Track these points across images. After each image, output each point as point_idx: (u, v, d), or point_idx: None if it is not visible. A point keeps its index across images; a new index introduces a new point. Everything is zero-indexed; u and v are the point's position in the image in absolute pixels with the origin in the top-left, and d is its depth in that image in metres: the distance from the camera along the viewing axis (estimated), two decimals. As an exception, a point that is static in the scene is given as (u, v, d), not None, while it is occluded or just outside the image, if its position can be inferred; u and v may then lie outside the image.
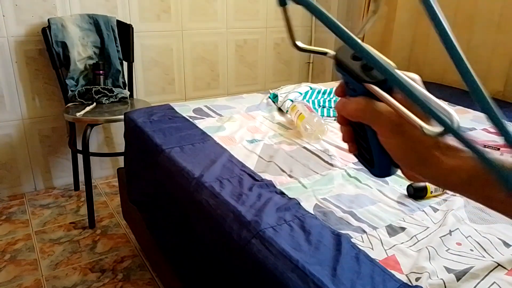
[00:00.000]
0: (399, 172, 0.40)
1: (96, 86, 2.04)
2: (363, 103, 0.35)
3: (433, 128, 0.31)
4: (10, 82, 2.03)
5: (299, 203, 0.98)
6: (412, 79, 0.36)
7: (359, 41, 0.32)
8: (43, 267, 1.64)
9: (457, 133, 0.30)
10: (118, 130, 2.39)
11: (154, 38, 2.37)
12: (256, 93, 2.00)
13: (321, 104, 1.74)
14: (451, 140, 0.34)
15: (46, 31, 1.95)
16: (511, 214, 0.33)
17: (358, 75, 0.35)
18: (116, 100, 2.07)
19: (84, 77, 2.08)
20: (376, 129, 0.35)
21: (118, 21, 2.15)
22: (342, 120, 0.39)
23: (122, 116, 1.66)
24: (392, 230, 0.89)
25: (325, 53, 0.41)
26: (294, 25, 0.42)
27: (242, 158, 1.23)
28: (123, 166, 1.67)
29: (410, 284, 0.72)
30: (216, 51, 2.61)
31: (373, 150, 0.38)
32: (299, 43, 0.41)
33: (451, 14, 2.16)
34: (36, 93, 2.12)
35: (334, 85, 2.09)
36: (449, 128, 0.30)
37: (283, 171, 1.16)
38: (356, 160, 0.45)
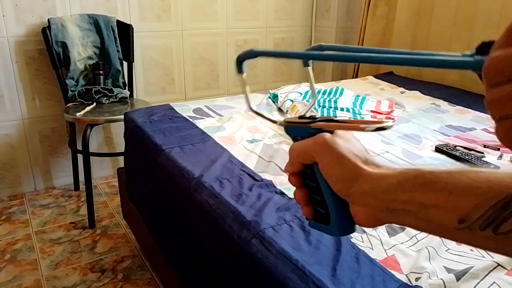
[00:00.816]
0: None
1: (96, 86, 2.04)
2: (308, 140, 0.41)
3: (368, 127, 0.38)
4: (10, 82, 2.03)
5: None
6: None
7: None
8: (43, 267, 1.64)
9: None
10: (118, 130, 2.39)
11: (154, 38, 2.37)
12: (256, 93, 2.00)
13: (321, 104, 1.74)
14: (374, 160, 0.38)
15: (46, 31, 1.95)
16: (447, 226, 0.32)
17: (306, 123, 0.43)
18: (116, 100, 2.07)
19: (84, 77, 2.09)
20: (319, 159, 0.39)
21: (118, 21, 2.15)
22: (297, 182, 0.43)
23: (122, 116, 1.66)
24: (392, 230, 0.89)
25: (275, 121, 0.49)
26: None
27: (242, 158, 1.23)
28: (123, 166, 1.67)
29: (410, 284, 0.72)
30: (216, 51, 2.61)
31: (326, 197, 0.41)
32: (254, 109, 0.51)
33: (451, 14, 2.16)
34: (36, 93, 2.12)
35: (334, 85, 2.10)
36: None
37: (283, 171, 1.16)
38: None
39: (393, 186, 0.34)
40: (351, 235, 0.86)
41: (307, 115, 0.44)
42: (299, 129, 0.43)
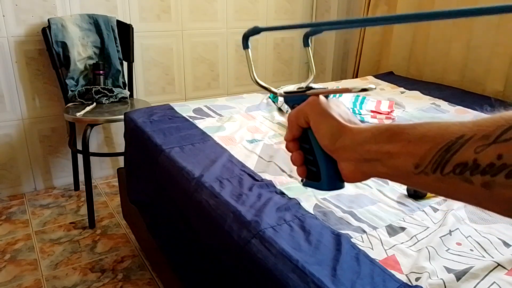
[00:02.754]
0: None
1: (96, 86, 2.04)
2: (302, 104, 0.46)
3: (354, 89, 0.44)
4: (10, 82, 2.03)
5: (299, 203, 0.98)
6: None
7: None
8: (43, 267, 1.64)
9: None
10: (118, 130, 2.39)
11: (154, 38, 2.37)
12: (256, 93, 2.00)
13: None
14: (357, 121, 0.43)
15: (46, 31, 1.95)
16: (408, 172, 0.36)
17: (301, 92, 0.49)
18: (116, 100, 2.07)
19: (84, 77, 2.08)
20: (310, 118, 0.44)
21: (118, 21, 2.15)
22: (294, 147, 0.48)
23: (122, 116, 1.66)
24: (392, 230, 0.89)
25: (275, 93, 0.54)
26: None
27: (242, 158, 1.23)
28: (123, 166, 1.67)
29: (410, 284, 0.73)
30: (216, 51, 2.61)
31: (317, 155, 0.46)
32: (258, 81, 0.55)
33: (451, 14, 2.16)
34: (36, 93, 2.12)
35: (334, 85, 2.10)
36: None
37: (283, 171, 1.16)
38: None
39: (368, 138, 0.39)
40: (351, 235, 0.86)
41: (305, 86, 0.49)
42: (296, 98, 0.49)
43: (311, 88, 0.48)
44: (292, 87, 0.55)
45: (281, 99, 1.75)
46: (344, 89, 0.45)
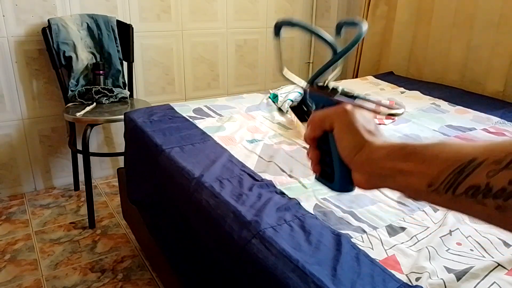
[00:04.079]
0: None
1: (96, 86, 2.04)
2: (330, 109, 0.47)
3: (385, 111, 0.46)
4: (10, 82, 2.03)
5: (299, 203, 0.98)
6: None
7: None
8: (43, 267, 1.64)
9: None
10: (118, 130, 2.39)
11: (154, 38, 2.37)
12: (256, 93, 2.00)
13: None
14: (377, 131, 0.45)
15: (46, 31, 1.95)
16: (420, 190, 0.37)
17: (330, 94, 0.50)
18: (116, 100, 2.07)
19: (84, 77, 2.08)
20: (336, 126, 0.45)
21: (118, 21, 2.15)
22: (312, 143, 0.50)
23: (122, 116, 1.66)
24: (392, 230, 0.89)
25: (301, 86, 0.54)
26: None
27: (242, 158, 1.23)
28: (123, 166, 1.67)
29: (410, 284, 0.72)
30: (216, 51, 2.61)
31: (334, 160, 0.47)
32: (284, 73, 0.55)
33: (451, 14, 2.16)
34: (36, 93, 2.12)
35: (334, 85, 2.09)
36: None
37: (283, 171, 1.16)
38: None
39: (383, 156, 0.41)
40: (351, 235, 0.86)
41: (330, 85, 0.51)
42: (322, 98, 0.50)
43: (340, 91, 0.50)
44: (302, 83, 0.55)
45: (281, 99, 1.75)
46: (372, 109, 0.46)
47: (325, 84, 0.52)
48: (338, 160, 0.47)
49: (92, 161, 2.20)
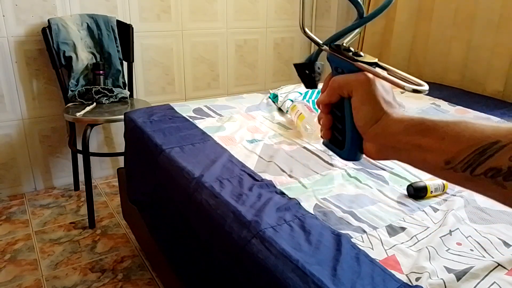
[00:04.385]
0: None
1: (96, 86, 2.04)
2: (351, 76, 0.45)
3: (409, 86, 0.43)
4: (10, 82, 2.03)
5: (299, 203, 0.98)
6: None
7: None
8: (43, 267, 1.64)
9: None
10: (118, 130, 2.39)
11: (154, 38, 2.37)
12: (256, 93, 2.00)
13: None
14: (396, 103, 0.44)
15: (46, 31, 1.95)
16: (436, 166, 0.37)
17: (351, 58, 0.46)
18: (116, 100, 2.07)
19: (84, 77, 2.08)
20: (355, 94, 0.44)
21: (118, 21, 2.15)
22: (325, 109, 0.49)
23: (122, 116, 1.66)
24: (392, 230, 0.89)
25: (320, 45, 0.52)
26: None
27: (242, 158, 1.23)
28: (123, 166, 1.67)
29: (410, 284, 0.72)
30: (216, 51, 2.61)
31: (347, 128, 0.46)
32: (306, 30, 0.53)
33: (451, 14, 2.16)
34: (36, 93, 2.12)
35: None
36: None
37: (283, 171, 1.16)
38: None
39: (401, 129, 0.41)
40: (351, 235, 0.86)
41: (352, 48, 0.47)
42: (342, 62, 0.47)
43: (361, 56, 0.46)
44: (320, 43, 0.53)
45: (281, 99, 1.75)
46: (396, 82, 0.43)
47: (347, 46, 0.48)
48: (351, 128, 0.45)
49: (92, 161, 2.20)
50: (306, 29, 0.54)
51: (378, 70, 0.44)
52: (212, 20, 2.54)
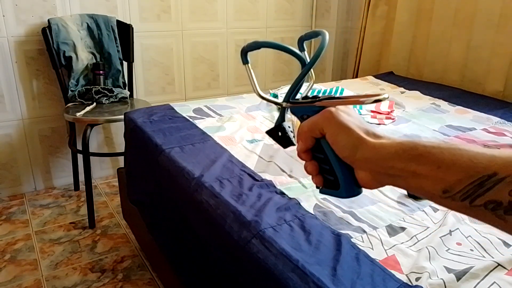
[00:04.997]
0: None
1: (96, 86, 2.04)
2: (316, 116, 0.46)
3: (367, 100, 0.44)
4: (10, 82, 2.03)
5: (299, 203, 0.98)
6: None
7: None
8: (43, 267, 1.64)
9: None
10: (118, 130, 2.39)
11: (154, 38, 2.37)
12: (256, 93, 1.99)
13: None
14: (375, 130, 0.43)
15: (46, 31, 1.95)
16: (433, 194, 0.37)
17: (311, 101, 0.49)
18: (116, 100, 2.07)
19: (84, 77, 2.08)
20: (326, 130, 0.45)
21: (118, 21, 2.15)
22: (307, 156, 0.49)
23: (122, 116, 1.66)
24: (392, 230, 0.89)
25: (281, 104, 0.55)
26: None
27: (242, 158, 1.23)
28: (123, 166, 1.67)
29: (410, 284, 0.72)
30: (216, 51, 2.61)
31: (334, 165, 0.46)
32: (262, 94, 0.57)
33: (451, 14, 2.16)
34: (36, 93, 2.12)
35: (334, 85, 2.10)
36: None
37: (283, 171, 1.16)
38: None
39: (392, 155, 0.40)
40: (351, 235, 0.86)
41: (309, 95, 0.51)
42: (304, 108, 0.50)
43: (319, 98, 0.48)
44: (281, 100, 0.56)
45: (281, 99, 1.75)
46: (355, 100, 0.45)
47: (305, 95, 0.51)
48: (338, 164, 0.46)
49: (92, 161, 2.20)
50: (262, 94, 0.56)
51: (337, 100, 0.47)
52: (212, 20, 2.54)
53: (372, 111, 1.67)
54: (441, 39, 2.24)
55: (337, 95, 1.84)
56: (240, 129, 1.48)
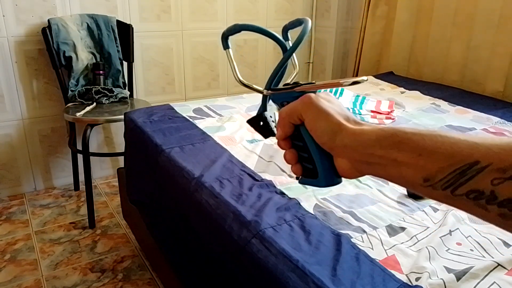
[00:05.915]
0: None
1: (96, 86, 2.04)
2: (295, 102, 0.45)
3: (345, 82, 0.44)
4: (10, 82, 2.03)
5: (299, 203, 0.98)
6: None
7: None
8: (43, 267, 1.64)
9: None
10: (118, 130, 2.39)
11: (154, 38, 2.37)
12: (256, 93, 1.99)
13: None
14: (355, 118, 0.43)
15: (46, 31, 1.95)
16: (414, 182, 0.36)
17: (290, 87, 0.48)
18: (116, 100, 2.07)
19: (84, 77, 2.08)
20: (305, 116, 0.43)
21: (118, 21, 2.15)
22: (286, 145, 0.48)
23: (122, 116, 1.66)
24: (392, 230, 0.89)
25: (261, 91, 0.55)
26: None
27: (242, 158, 1.23)
28: (123, 166, 1.67)
29: (410, 284, 0.72)
30: (216, 51, 2.61)
31: (312, 153, 0.45)
32: (242, 80, 0.56)
33: (451, 14, 2.16)
34: (36, 93, 2.12)
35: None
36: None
37: (283, 171, 1.16)
38: None
39: (372, 141, 0.38)
40: (351, 235, 0.86)
41: (289, 82, 0.49)
42: (284, 94, 0.48)
43: (299, 83, 0.47)
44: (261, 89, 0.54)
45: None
46: (334, 82, 0.44)
47: (288, 82, 0.50)
48: (317, 152, 0.44)
49: (92, 161, 2.20)
50: (242, 80, 0.54)
51: (317, 84, 0.46)
52: (212, 20, 2.54)
53: (372, 111, 1.67)
54: (441, 39, 2.24)
55: (337, 95, 1.84)
56: (240, 129, 1.48)
